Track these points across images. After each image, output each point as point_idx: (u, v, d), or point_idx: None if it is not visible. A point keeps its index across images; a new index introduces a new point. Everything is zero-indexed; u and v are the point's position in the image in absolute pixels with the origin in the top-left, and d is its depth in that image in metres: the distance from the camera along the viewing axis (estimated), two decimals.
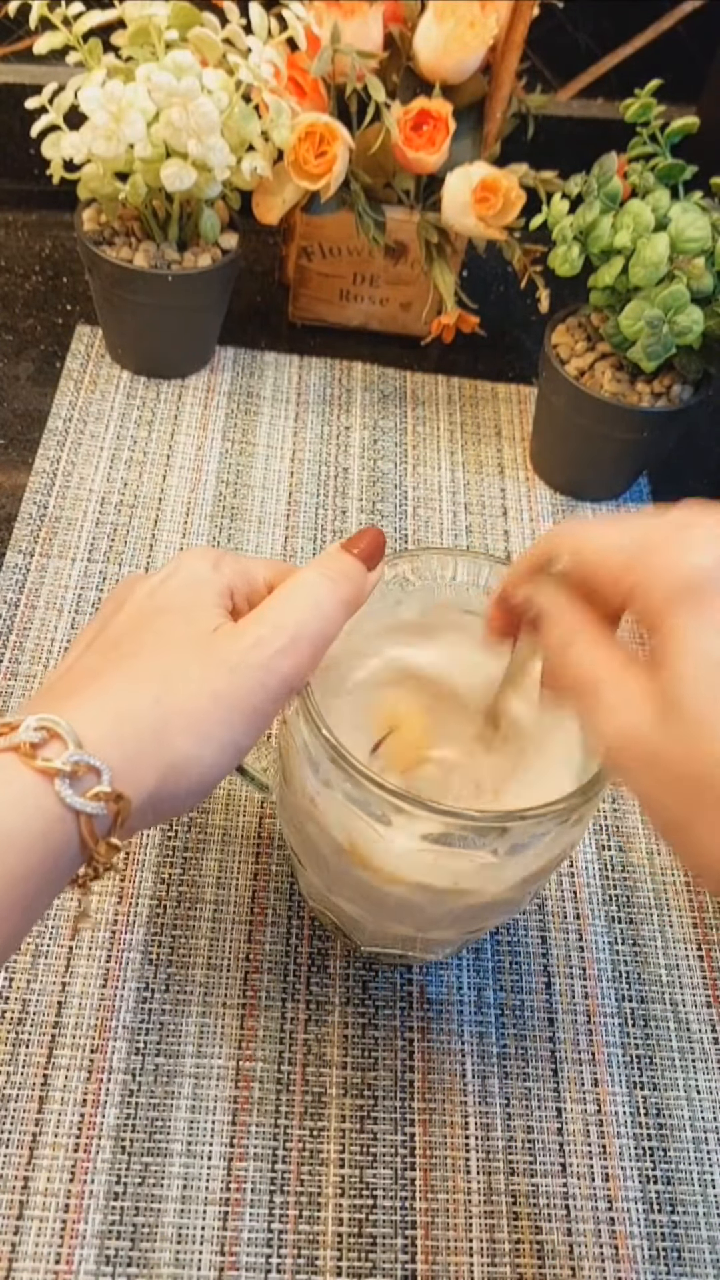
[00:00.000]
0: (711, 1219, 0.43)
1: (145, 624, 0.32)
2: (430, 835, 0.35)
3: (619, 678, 0.28)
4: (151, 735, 0.29)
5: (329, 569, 0.34)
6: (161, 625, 0.32)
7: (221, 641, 0.31)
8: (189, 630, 0.32)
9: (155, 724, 0.29)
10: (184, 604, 0.33)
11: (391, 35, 0.60)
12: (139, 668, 0.30)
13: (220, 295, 0.65)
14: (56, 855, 0.27)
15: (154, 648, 0.31)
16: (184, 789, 0.30)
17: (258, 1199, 0.42)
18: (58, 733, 0.27)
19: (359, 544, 0.36)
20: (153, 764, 0.29)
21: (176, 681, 0.30)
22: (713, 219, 0.53)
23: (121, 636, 0.32)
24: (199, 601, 0.33)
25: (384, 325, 0.72)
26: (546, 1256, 0.42)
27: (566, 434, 0.64)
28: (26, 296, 0.71)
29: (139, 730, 0.29)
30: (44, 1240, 0.40)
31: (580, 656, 0.30)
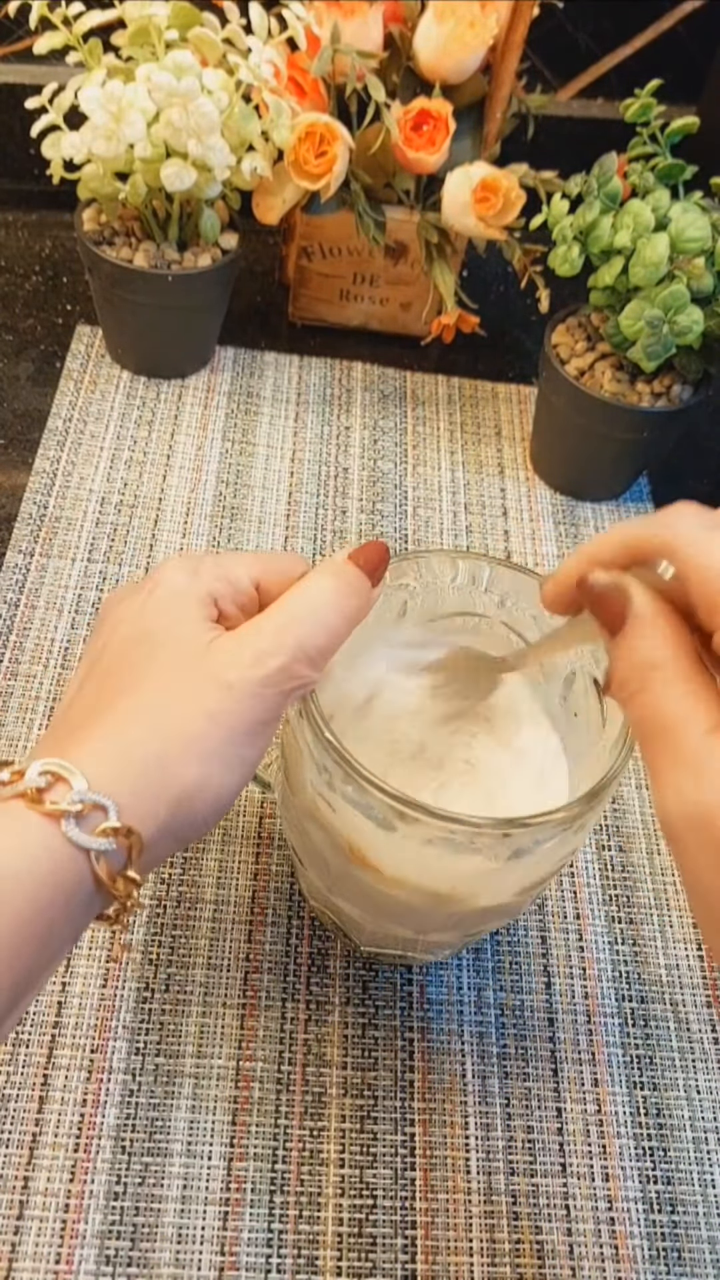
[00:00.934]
0: (711, 1219, 0.43)
1: (135, 653, 0.31)
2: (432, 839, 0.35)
3: (706, 739, 0.25)
4: (156, 765, 0.28)
5: (336, 581, 0.32)
6: (150, 652, 0.31)
7: (216, 658, 0.30)
8: (179, 651, 0.31)
9: (157, 754, 0.29)
10: (169, 623, 0.31)
11: (391, 35, 0.60)
12: (135, 702, 0.30)
13: (220, 295, 0.65)
14: (69, 895, 0.27)
15: (147, 677, 0.30)
16: (200, 813, 0.29)
17: (258, 1199, 0.42)
18: (62, 775, 0.27)
19: (363, 556, 0.34)
20: (160, 794, 0.28)
21: (173, 708, 0.29)
22: (713, 219, 0.53)
23: (113, 670, 0.31)
24: (183, 617, 0.32)
25: (384, 325, 0.72)
26: (546, 1256, 0.42)
27: (566, 434, 0.64)
28: (26, 296, 0.71)
29: (142, 762, 0.28)
30: (44, 1240, 0.40)
31: (666, 691, 0.26)
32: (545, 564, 0.63)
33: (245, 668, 0.30)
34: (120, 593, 0.34)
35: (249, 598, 0.33)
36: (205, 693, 0.29)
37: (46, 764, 0.27)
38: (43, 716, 0.52)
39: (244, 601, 0.33)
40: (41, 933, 0.26)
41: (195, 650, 0.30)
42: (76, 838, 0.27)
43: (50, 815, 0.27)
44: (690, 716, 0.25)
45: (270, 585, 0.33)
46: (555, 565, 0.63)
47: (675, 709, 0.26)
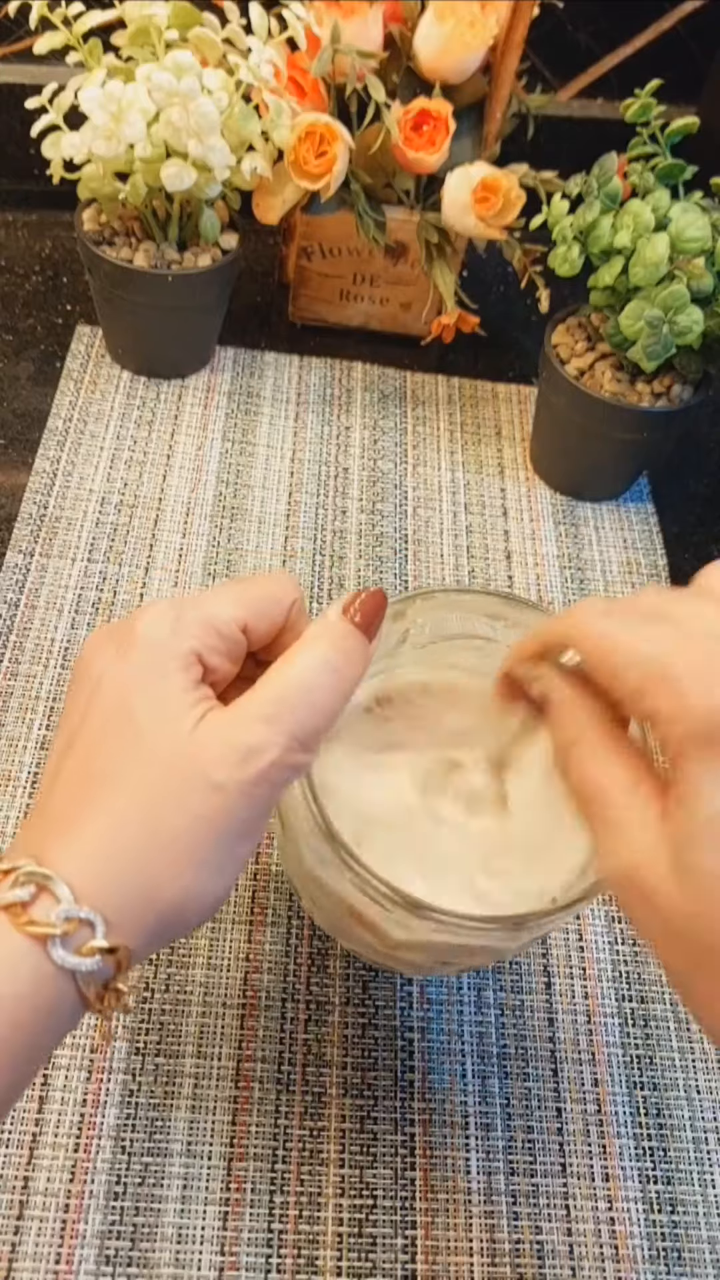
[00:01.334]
0: (711, 1219, 0.43)
1: (116, 736, 0.29)
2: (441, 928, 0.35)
3: (628, 799, 0.26)
4: (144, 877, 0.27)
5: (331, 653, 0.30)
6: (133, 739, 0.28)
7: (203, 753, 0.28)
8: (162, 741, 0.28)
9: (146, 864, 0.27)
10: (150, 699, 0.29)
11: (391, 35, 0.60)
12: (120, 802, 0.28)
13: (220, 295, 0.65)
14: (52, 1012, 0.26)
15: (130, 770, 0.28)
16: (191, 919, 0.28)
17: (258, 1199, 0.42)
18: (47, 886, 0.26)
19: (360, 610, 0.31)
20: (149, 906, 0.27)
21: (160, 811, 0.27)
22: (713, 219, 0.53)
23: (95, 754, 0.29)
24: (165, 688, 0.29)
25: (384, 325, 0.72)
26: (546, 1256, 0.42)
27: (566, 434, 0.64)
28: (26, 296, 0.71)
29: (130, 873, 0.27)
30: (44, 1240, 0.40)
31: (587, 761, 0.28)
32: (545, 564, 0.63)
33: (234, 766, 0.28)
34: (96, 641, 0.31)
35: (236, 644, 0.31)
36: (193, 795, 0.27)
37: (31, 873, 0.26)
38: (43, 716, 0.52)
39: (231, 649, 0.31)
40: (21, 1050, 0.26)
41: (179, 739, 0.28)
42: (62, 960, 0.26)
43: (36, 937, 0.26)
44: (610, 782, 0.27)
45: (258, 625, 0.31)
46: (555, 565, 0.63)
47: (597, 777, 0.27)
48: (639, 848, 0.26)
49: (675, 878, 0.25)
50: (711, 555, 0.66)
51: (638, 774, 0.27)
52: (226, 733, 0.28)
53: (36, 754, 0.51)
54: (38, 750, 0.51)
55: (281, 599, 0.32)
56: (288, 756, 0.28)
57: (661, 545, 0.65)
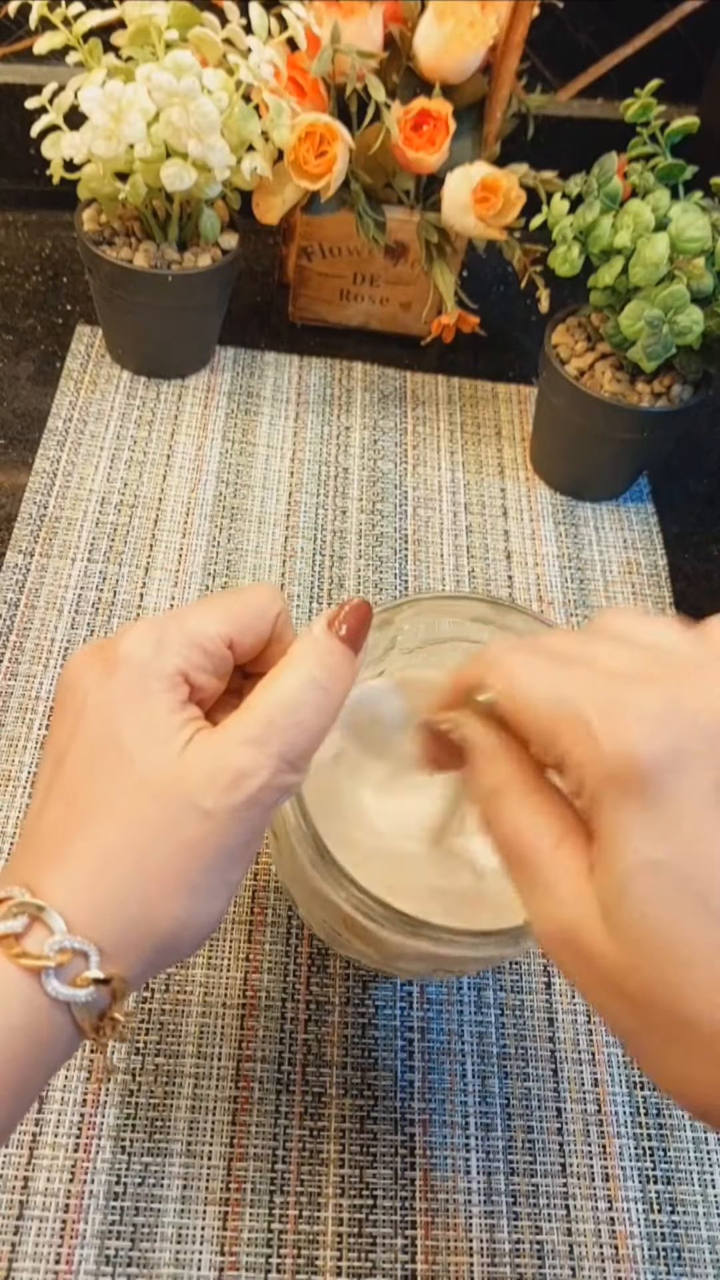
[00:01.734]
0: (711, 1219, 0.43)
1: (102, 764, 0.28)
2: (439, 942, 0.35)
3: (555, 855, 0.25)
4: (137, 906, 0.27)
5: (318, 670, 0.29)
6: (120, 765, 0.28)
7: (191, 778, 0.27)
8: (150, 767, 0.28)
9: (136, 893, 0.27)
10: (135, 723, 0.28)
11: (391, 35, 0.60)
12: (110, 832, 0.27)
13: (220, 295, 0.65)
14: (47, 1044, 0.26)
15: (119, 797, 0.28)
16: (186, 946, 0.28)
17: (258, 1199, 0.42)
18: (40, 917, 0.26)
19: (345, 623, 0.30)
20: (143, 935, 0.27)
21: (150, 840, 0.27)
22: (713, 219, 0.53)
23: (82, 781, 0.28)
24: (151, 711, 0.28)
25: (384, 325, 0.72)
26: (546, 1256, 0.42)
27: (566, 434, 0.64)
28: (26, 296, 0.71)
29: (122, 902, 0.27)
30: (44, 1240, 0.40)
31: (512, 815, 0.27)
32: (545, 564, 0.63)
33: (222, 792, 0.27)
34: (80, 663, 0.30)
35: (222, 660, 0.30)
36: (183, 823, 0.27)
37: (24, 903, 0.26)
38: (42, 716, 0.52)
39: (217, 666, 0.30)
40: (16, 1083, 0.26)
41: (167, 764, 0.28)
42: (56, 992, 0.26)
43: (29, 969, 0.25)
44: (539, 835, 0.26)
45: (243, 640, 0.31)
46: (555, 565, 0.63)
47: (522, 831, 0.26)
48: (571, 907, 0.24)
49: (609, 934, 0.24)
50: (711, 555, 0.66)
51: (564, 824, 0.26)
52: (214, 756, 0.28)
53: (36, 754, 0.51)
54: (37, 750, 0.51)
55: (266, 611, 0.31)
56: (277, 779, 0.28)
57: (661, 545, 0.65)
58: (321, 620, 0.31)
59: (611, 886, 0.24)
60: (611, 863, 0.23)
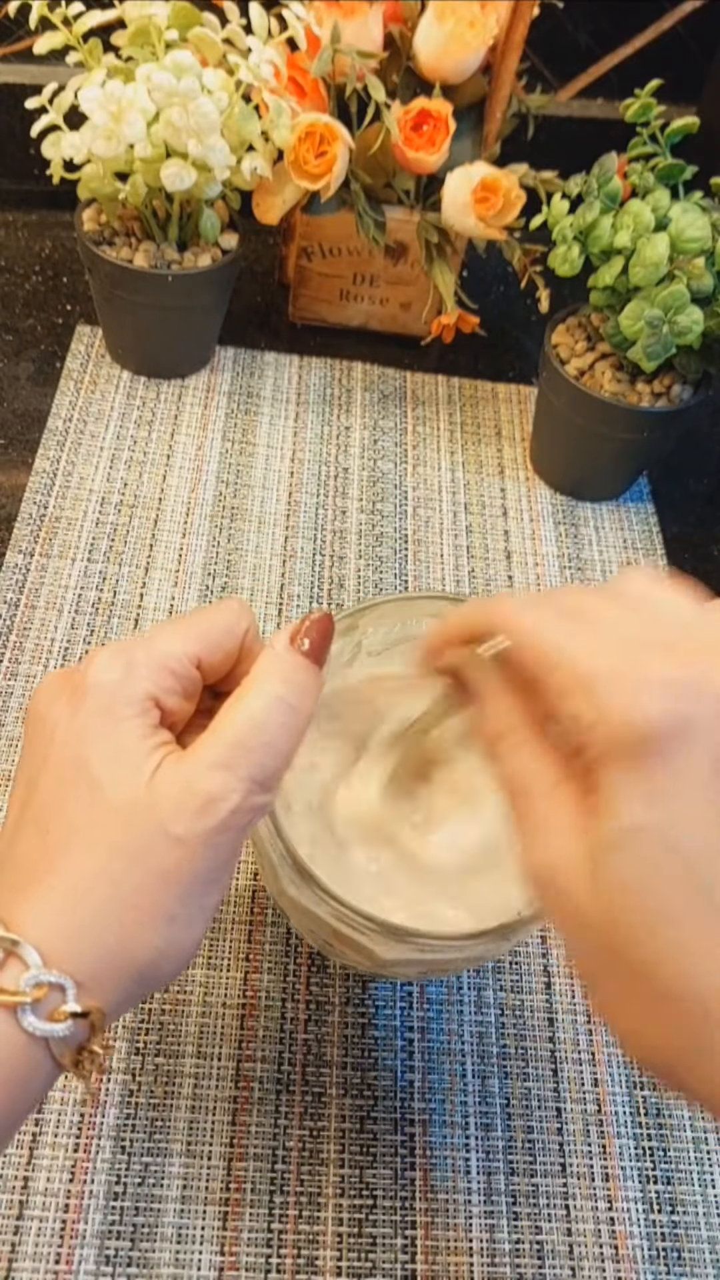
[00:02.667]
0: (711, 1219, 0.43)
1: (73, 793, 0.28)
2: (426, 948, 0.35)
3: (550, 797, 0.26)
4: (113, 936, 0.27)
5: (283, 689, 0.29)
6: (90, 794, 0.28)
7: (162, 805, 0.27)
8: (120, 795, 0.27)
9: (113, 923, 0.27)
10: (105, 751, 0.28)
11: (391, 35, 0.60)
12: (81, 858, 0.27)
13: (220, 295, 0.65)
14: (23, 1080, 0.26)
15: (91, 826, 0.27)
16: (163, 974, 0.28)
17: (258, 1199, 0.42)
18: (15, 951, 0.26)
19: (307, 637, 0.30)
20: (120, 966, 0.27)
21: (124, 870, 0.27)
22: (713, 219, 0.53)
23: (54, 811, 0.28)
24: (121, 738, 0.28)
25: (384, 325, 0.72)
26: (546, 1256, 0.42)
27: (566, 434, 0.64)
28: (26, 296, 0.71)
29: (97, 932, 0.27)
30: (44, 1240, 0.40)
31: (511, 756, 0.28)
32: (545, 564, 0.63)
33: (193, 818, 0.27)
34: (48, 690, 0.30)
35: (191, 682, 0.30)
36: (156, 851, 0.27)
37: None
38: None
39: (186, 687, 0.30)
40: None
41: (137, 791, 0.27)
42: (33, 1027, 0.25)
43: (5, 1005, 0.25)
44: (538, 777, 0.27)
45: (212, 659, 0.31)
46: (555, 565, 0.63)
47: (523, 771, 0.27)
48: (558, 849, 0.26)
49: (589, 883, 0.25)
50: (712, 555, 0.66)
51: (560, 771, 0.27)
52: (184, 782, 0.27)
53: None
54: None
55: (234, 628, 0.31)
56: (248, 800, 0.28)
57: (661, 545, 0.65)
58: (284, 636, 0.30)
59: (600, 842, 0.24)
60: (605, 819, 0.24)
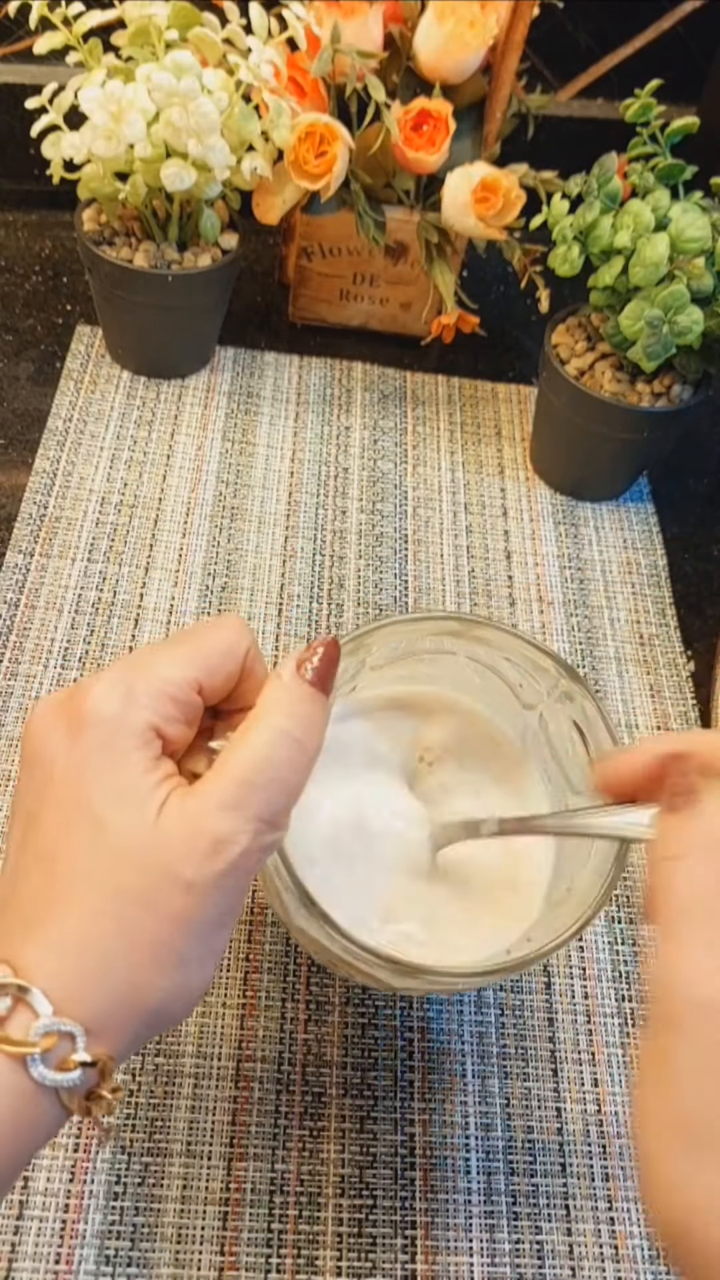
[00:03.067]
0: None
1: (76, 833, 0.27)
2: None
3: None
4: (123, 981, 0.26)
5: (289, 723, 0.28)
6: (94, 834, 0.27)
7: (169, 848, 0.26)
8: (126, 836, 0.27)
9: (122, 967, 0.26)
10: (108, 789, 0.27)
11: (391, 35, 0.60)
12: (88, 900, 0.26)
13: (220, 295, 0.65)
14: (30, 1127, 0.25)
15: (94, 865, 0.27)
16: (175, 1015, 0.28)
17: (258, 1199, 0.42)
18: (24, 999, 0.25)
19: (314, 665, 0.29)
20: (130, 1011, 0.26)
21: (131, 912, 0.26)
22: (713, 219, 0.53)
23: (58, 851, 0.27)
24: (124, 774, 0.27)
25: (384, 325, 0.72)
26: (546, 1256, 0.42)
27: (566, 434, 0.64)
28: (26, 296, 0.71)
29: (107, 977, 0.26)
30: (44, 1240, 0.40)
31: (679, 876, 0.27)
32: (545, 564, 0.63)
33: (202, 861, 0.26)
34: (45, 719, 0.29)
35: (192, 708, 0.29)
36: (164, 894, 0.26)
37: (5, 983, 0.25)
38: None
39: (188, 714, 0.29)
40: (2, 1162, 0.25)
41: (144, 832, 0.27)
42: (43, 1077, 0.25)
43: (14, 1056, 0.25)
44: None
45: (213, 682, 0.30)
46: (555, 565, 0.63)
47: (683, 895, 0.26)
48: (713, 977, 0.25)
49: None
50: (712, 555, 0.66)
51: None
52: (192, 823, 0.27)
53: None
54: None
55: (234, 649, 0.30)
56: (258, 840, 0.27)
57: (661, 545, 0.65)
58: (290, 664, 0.29)
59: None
60: None
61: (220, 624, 0.30)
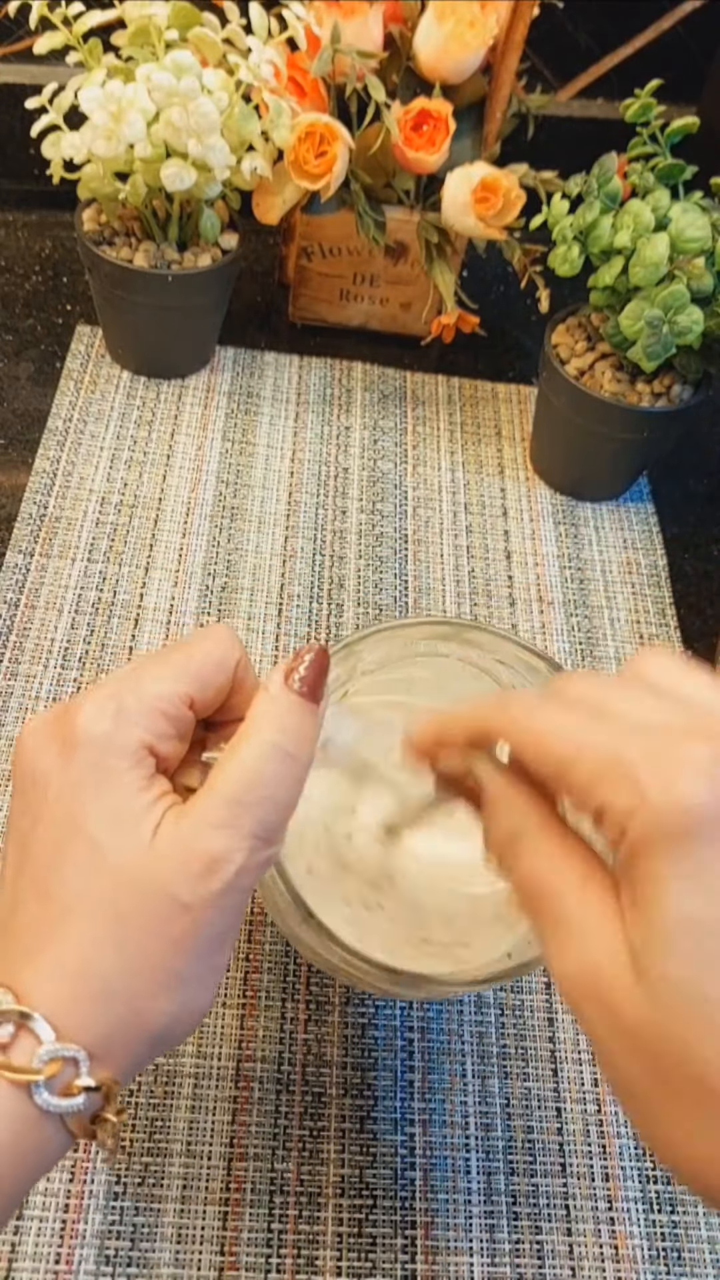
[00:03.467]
0: (711, 1219, 0.43)
1: (71, 850, 0.27)
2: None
3: (580, 896, 0.25)
4: (123, 1004, 0.26)
5: (279, 736, 0.28)
6: (90, 858, 0.27)
7: (164, 869, 0.26)
8: (121, 858, 0.26)
9: (122, 990, 0.26)
10: (103, 808, 0.27)
11: (391, 35, 0.60)
12: (86, 924, 0.26)
13: (220, 295, 0.65)
14: (35, 1152, 0.25)
15: (91, 889, 0.26)
16: (177, 1035, 0.28)
17: (258, 1199, 0.42)
18: (26, 1025, 0.25)
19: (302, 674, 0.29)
20: (132, 1034, 0.26)
21: (129, 935, 0.26)
22: (713, 219, 0.53)
23: (53, 875, 0.27)
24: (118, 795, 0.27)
25: (384, 325, 0.72)
26: (546, 1256, 0.42)
27: (566, 434, 0.64)
28: (26, 296, 0.71)
29: (108, 1000, 0.26)
30: (44, 1240, 0.40)
31: (531, 857, 0.26)
32: (545, 564, 0.63)
33: (198, 881, 0.26)
34: (36, 738, 0.28)
35: (184, 723, 0.29)
36: (162, 918, 0.26)
37: (6, 1010, 0.25)
38: None
39: (179, 729, 0.29)
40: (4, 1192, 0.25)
41: (139, 853, 0.26)
42: (47, 1104, 0.25)
43: (17, 1084, 0.25)
44: (562, 877, 0.25)
45: (204, 696, 0.30)
46: (555, 565, 0.63)
47: (546, 872, 0.26)
48: (597, 951, 0.24)
49: (638, 983, 0.23)
50: (712, 555, 0.66)
51: (586, 866, 0.25)
52: (186, 844, 0.26)
53: None
54: None
55: (225, 662, 0.30)
56: (253, 858, 0.27)
57: (661, 545, 0.65)
58: (278, 676, 0.29)
59: (648, 937, 0.23)
60: (652, 915, 0.23)
61: (209, 635, 0.30)
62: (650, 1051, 0.23)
